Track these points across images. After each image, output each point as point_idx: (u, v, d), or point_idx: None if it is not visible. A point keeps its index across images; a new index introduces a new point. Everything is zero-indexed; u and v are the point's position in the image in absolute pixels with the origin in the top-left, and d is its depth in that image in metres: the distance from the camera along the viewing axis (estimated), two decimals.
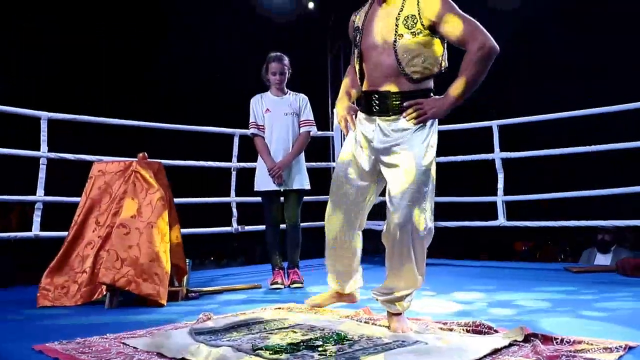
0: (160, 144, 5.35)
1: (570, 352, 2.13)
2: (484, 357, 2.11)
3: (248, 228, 5.59)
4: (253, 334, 2.51)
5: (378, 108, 2.50)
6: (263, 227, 4.54)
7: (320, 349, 2.22)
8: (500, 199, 5.35)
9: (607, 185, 4.96)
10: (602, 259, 5.40)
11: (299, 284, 4.25)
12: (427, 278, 2.61)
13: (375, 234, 2.93)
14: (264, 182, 4.31)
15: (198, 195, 5.55)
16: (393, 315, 2.56)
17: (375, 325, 2.64)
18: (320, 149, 6.80)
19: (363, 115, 2.59)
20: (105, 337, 2.54)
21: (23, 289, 4.19)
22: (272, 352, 2.18)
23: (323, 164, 6.47)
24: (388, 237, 2.48)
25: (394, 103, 2.46)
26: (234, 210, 5.52)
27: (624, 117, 5.01)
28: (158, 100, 9.39)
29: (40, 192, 4.52)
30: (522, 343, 2.27)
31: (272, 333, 2.53)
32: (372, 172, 2.58)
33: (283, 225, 4.46)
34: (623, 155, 5.21)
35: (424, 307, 3.20)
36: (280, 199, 4.43)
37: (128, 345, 2.38)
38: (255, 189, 4.40)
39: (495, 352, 2.17)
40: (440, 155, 2.67)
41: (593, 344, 2.19)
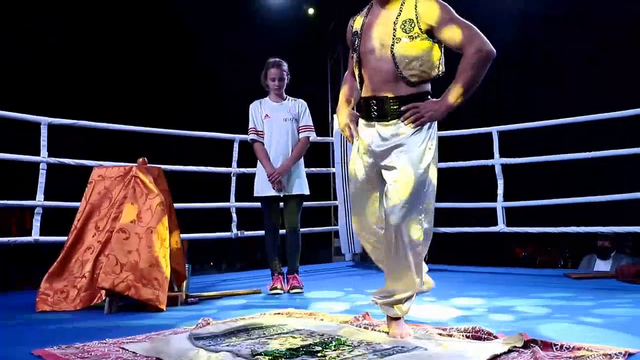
0: (160, 149, 5.36)
1: (570, 358, 2.13)
2: None
3: (248, 233, 5.60)
4: (252, 340, 2.51)
5: (376, 114, 2.52)
6: (263, 232, 4.54)
7: (320, 355, 2.22)
8: (500, 205, 5.35)
9: (607, 192, 4.96)
10: (602, 265, 5.39)
11: (299, 290, 4.25)
12: None
13: None
14: (264, 188, 4.31)
15: (198, 201, 5.56)
16: (392, 320, 2.56)
17: (375, 331, 2.64)
18: (320, 155, 6.82)
19: (363, 122, 2.61)
20: (105, 342, 2.54)
21: (22, 294, 4.19)
22: (271, 357, 2.18)
23: (323, 170, 6.48)
24: (385, 239, 2.50)
25: (392, 108, 2.48)
26: (234, 216, 5.52)
27: (625, 123, 5.02)
28: (158, 106, 9.40)
29: (40, 196, 4.52)
30: (521, 349, 2.26)
31: (271, 338, 2.52)
32: (377, 177, 2.59)
33: (282, 231, 4.46)
34: (623, 162, 5.22)
35: (424, 312, 3.20)
36: (280, 205, 4.43)
37: (127, 351, 2.38)
38: (255, 195, 4.40)
39: (495, 358, 2.17)
40: (440, 162, 2.67)
41: (593, 350, 2.19)
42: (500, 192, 5.36)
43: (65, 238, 3.79)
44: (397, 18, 2.47)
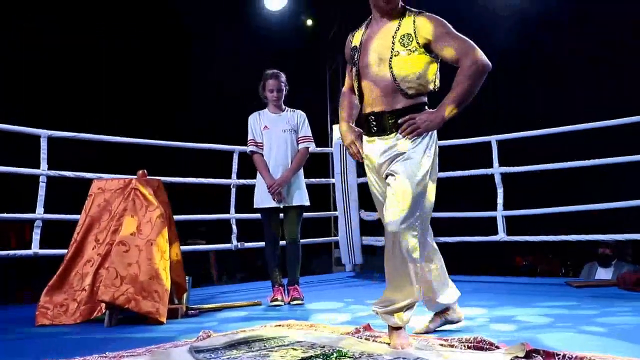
0: (160, 161, 5.36)
1: None
2: None
3: (248, 245, 5.59)
4: (253, 352, 2.50)
5: (376, 129, 2.62)
6: (263, 243, 4.53)
7: None
8: (500, 214, 5.35)
9: (607, 199, 4.95)
10: (603, 273, 5.38)
11: (299, 301, 4.23)
12: None
13: (379, 250, 2.92)
14: (264, 199, 4.31)
15: (198, 212, 5.55)
16: (394, 330, 2.56)
17: (376, 342, 2.63)
18: (320, 165, 6.82)
19: (366, 137, 2.69)
20: (105, 355, 2.52)
21: (22, 307, 4.18)
22: None
23: (322, 180, 6.48)
24: (385, 247, 2.56)
25: (390, 122, 2.57)
26: (234, 227, 5.51)
27: (624, 130, 5.02)
28: (158, 114, 9.42)
29: (40, 209, 4.51)
30: (523, 359, 2.25)
31: (272, 351, 2.51)
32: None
33: (283, 242, 4.45)
34: (623, 169, 5.22)
35: (425, 323, 3.18)
36: (280, 216, 4.43)
37: None
38: (255, 206, 4.40)
39: None
40: (440, 171, 2.70)
41: None
42: (500, 201, 5.36)
43: (65, 251, 3.78)
44: (395, 32, 2.56)
